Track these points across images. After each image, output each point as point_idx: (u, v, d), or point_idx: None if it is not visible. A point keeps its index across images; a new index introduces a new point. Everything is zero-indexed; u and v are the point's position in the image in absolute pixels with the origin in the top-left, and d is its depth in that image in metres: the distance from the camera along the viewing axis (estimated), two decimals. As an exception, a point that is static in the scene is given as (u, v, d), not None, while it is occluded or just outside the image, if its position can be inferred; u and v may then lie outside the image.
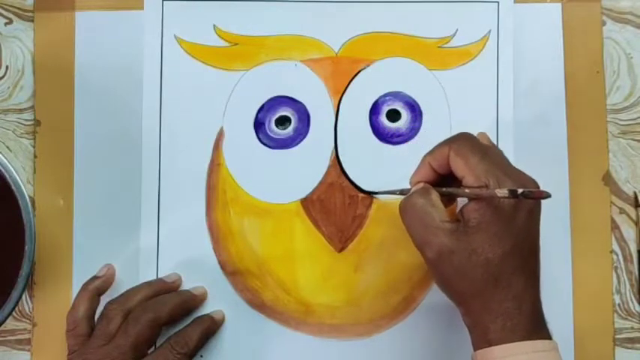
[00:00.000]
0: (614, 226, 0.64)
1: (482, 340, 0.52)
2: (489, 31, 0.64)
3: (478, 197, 0.51)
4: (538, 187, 0.53)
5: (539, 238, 0.53)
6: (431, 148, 0.63)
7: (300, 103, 0.64)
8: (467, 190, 0.52)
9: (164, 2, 0.64)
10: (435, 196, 0.54)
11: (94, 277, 0.61)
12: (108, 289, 0.61)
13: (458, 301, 0.53)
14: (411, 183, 0.57)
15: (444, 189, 0.55)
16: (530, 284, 0.52)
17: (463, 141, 0.54)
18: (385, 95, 0.64)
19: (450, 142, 0.55)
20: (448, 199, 0.55)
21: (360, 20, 0.64)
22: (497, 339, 0.51)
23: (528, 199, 0.51)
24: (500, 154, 0.55)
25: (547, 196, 0.50)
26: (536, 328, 0.51)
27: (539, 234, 0.53)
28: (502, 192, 0.50)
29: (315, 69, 0.64)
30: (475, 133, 0.57)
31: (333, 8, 0.64)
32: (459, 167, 0.53)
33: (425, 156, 0.56)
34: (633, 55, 0.65)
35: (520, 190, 0.50)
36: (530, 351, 0.50)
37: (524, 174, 0.53)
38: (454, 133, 0.63)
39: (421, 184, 0.55)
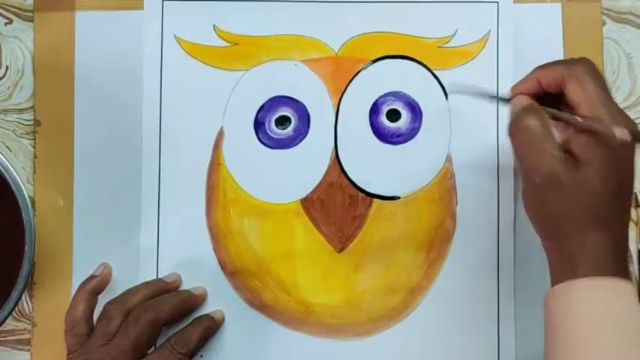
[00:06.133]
0: (614, 226, 0.64)
1: (568, 273, 0.50)
2: (489, 31, 0.64)
3: (590, 130, 0.50)
4: (639, 132, 0.51)
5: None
6: (431, 148, 0.64)
7: (300, 103, 0.64)
8: (580, 120, 0.51)
9: (164, 2, 0.64)
10: (545, 117, 0.52)
11: (91, 277, 0.61)
12: (105, 288, 0.61)
13: (549, 235, 0.52)
14: (512, 91, 0.55)
15: (549, 109, 0.52)
16: (625, 226, 0.51)
17: (584, 66, 0.52)
18: (385, 95, 0.64)
19: (567, 64, 0.53)
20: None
21: (360, 20, 0.64)
22: (585, 272, 0.49)
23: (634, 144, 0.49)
24: (609, 89, 0.53)
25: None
26: (623, 268, 0.50)
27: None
28: (622, 132, 0.49)
29: (315, 69, 0.64)
30: (475, 133, 0.57)
31: (333, 8, 0.64)
32: (576, 94, 0.51)
33: (534, 70, 0.54)
34: (633, 55, 0.65)
35: (616, 131, 0.49)
36: (614, 288, 0.49)
37: (630, 118, 0.52)
38: (454, 133, 0.63)
39: (525, 99, 0.53)
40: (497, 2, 0.64)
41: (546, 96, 0.53)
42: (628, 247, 0.52)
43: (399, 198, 0.63)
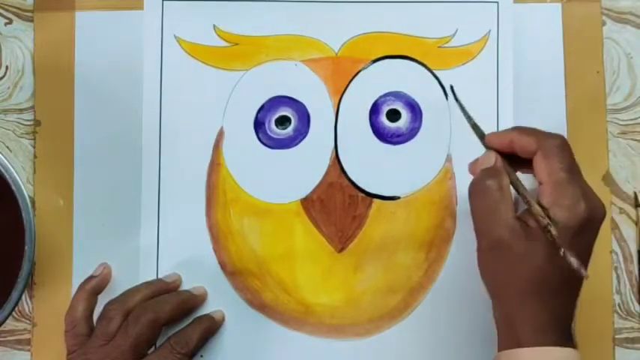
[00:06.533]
0: (614, 226, 0.64)
1: (510, 339, 0.51)
2: (489, 31, 0.64)
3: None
4: (605, 215, 0.52)
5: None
6: (431, 148, 0.64)
7: (300, 103, 0.64)
8: (533, 208, 0.51)
9: (164, 2, 0.64)
10: (506, 182, 0.52)
11: (90, 277, 0.61)
12: (105, 288, 0.61)
13: (495, 296, 0.53)
14: (487, 141, 0.55)
15: (515, 180, 0.53)
16: (571, 301, 0.52)
17: (555, 146, 0.52)
18: (385, 95, 0.64)
19: (541, 139, 0.52)
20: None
21: (360, 20, 0.64)
22: (526, 341, 0.50)
23: (566, 260, 0.49)
24: (579, 169, 0.53)
25: (583, 275, 0.49)
26: (567, 337, 0.51)
27: (591, 255, 0.52)
28: (554, 231, 0.49)
29: (315, 69, 0.64)
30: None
31: (333, 8, 0.64)
32: (541, 172, 0.52)
33: (513, 129, 0.55)
34: (633, 55, 0.65)
35: (562, 252, 0.49)
36: (556, 358, 0.50)
37: (597, 200, 0.52)
38: (454, 133, 0.63)
39: (493, 159, 0.54)
40: (497, 2, 0.64)
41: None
42: (573, 315, 0.52)
43: (399, 198, 0.63)
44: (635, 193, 0.64)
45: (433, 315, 0.63)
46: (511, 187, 0.53)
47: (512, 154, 0.54)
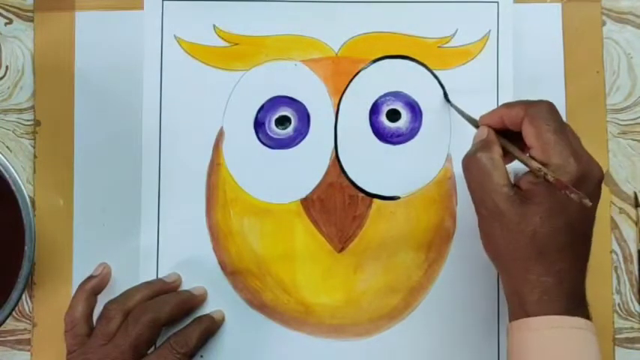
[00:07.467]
0: (614, 226, 0.64)
1: (519, 309, 0.52)
2: (489, 31, 0.64)
3: (533, 172, 0.51)
4: (602, 175, 0.53)
5: (594, 224, 0.53)
6: (431, 148, 0.64)
7: (300, 103, 0.64)
8: (526, 161, 0.52)
9: (164, 2, 0.64)
10: (497, 153, 0.53)
11: (90, 277, 0.61)
12: (104, 288, 0.61)
13: (499, 266, 0.54)
14: (479, 121, 0.57)
15: (507, 144, 0.54)
16: (575, 265, 0.52)
17: (541, 110, 0.53)
18: (385, 95, 0.64)
19: (527, 106, 0.53)
20: (507, 153, 0.55)
21: (360, 20, 0.64)
22: (534, 310, 0.51)
23: (568, 195, 0.49)
24: (573, 133, 0.54)
25: (587, 203, 0.49)
26: (576, 306, 0.52)
27: (594, 219, 0.53)
28: (552, 177, 0.50)
29: (315, 69, 0.64)
30: (475, 132, 0.57)
31: (333, 8, 0.64)
32: (530, 136, 0.53)
33: (502, 105, 0.56)
34: (633, 55, 0.65)
35: (563, 192, 0.49)
36: (565, 326, 0.51)
37: (592, 160, 0.53)
38: (454, 133, 0.63)
39: (486, 133, 0.55)
40: (497, 2, 0.64)
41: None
42: (582, 285, 0.53)
43: (399, 198, 0.63)
44: (635, 193, 0.64)
45: (433, 315, 0.63)
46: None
47: (509, 133, 0.55)
